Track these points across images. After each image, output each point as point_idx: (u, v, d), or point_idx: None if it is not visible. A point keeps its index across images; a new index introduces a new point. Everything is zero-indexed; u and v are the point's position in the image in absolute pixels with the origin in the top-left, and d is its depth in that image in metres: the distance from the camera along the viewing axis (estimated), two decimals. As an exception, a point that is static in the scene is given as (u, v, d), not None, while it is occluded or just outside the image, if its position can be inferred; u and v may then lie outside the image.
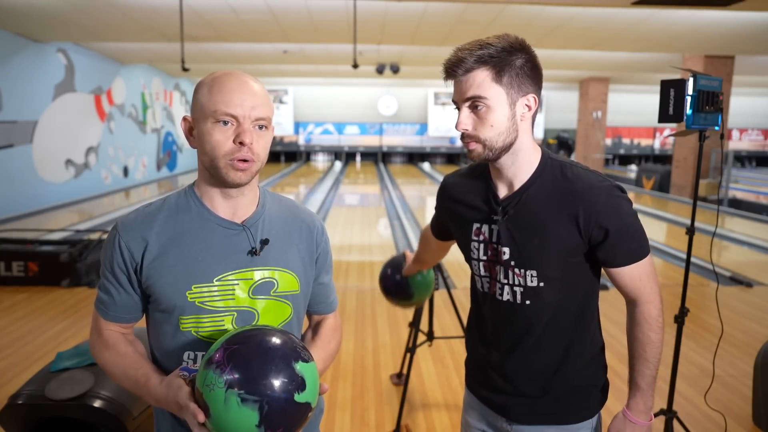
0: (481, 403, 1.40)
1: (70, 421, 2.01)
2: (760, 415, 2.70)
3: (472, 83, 1.16)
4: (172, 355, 1.13)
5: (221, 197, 1.14)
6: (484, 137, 1.18)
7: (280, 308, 1.17)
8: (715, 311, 2.61)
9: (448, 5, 6.96)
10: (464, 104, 1.18)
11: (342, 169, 17.90)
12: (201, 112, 1.08)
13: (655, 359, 1.25)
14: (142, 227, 1.12)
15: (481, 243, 1.30)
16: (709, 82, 2.17)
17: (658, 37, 8.67)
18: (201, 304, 1.10)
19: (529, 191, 1.23)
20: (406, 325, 3.83)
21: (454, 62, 1.17)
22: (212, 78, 1.09)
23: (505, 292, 1.28)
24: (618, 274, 1.24)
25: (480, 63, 1.15)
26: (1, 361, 3.38)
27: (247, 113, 1.06)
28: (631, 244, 1.21)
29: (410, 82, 17.41)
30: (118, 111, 12.20)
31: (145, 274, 1.11)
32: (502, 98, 1.16)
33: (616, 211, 1.19)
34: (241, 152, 1.06)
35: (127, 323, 1.18)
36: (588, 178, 1.21)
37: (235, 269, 1.12)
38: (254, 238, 1.15)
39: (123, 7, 7.18)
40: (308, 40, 9.22)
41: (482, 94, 1.15)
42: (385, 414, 2.85)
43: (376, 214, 9.75)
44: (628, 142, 20.02)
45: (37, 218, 8.16)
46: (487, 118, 1.16)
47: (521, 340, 1.29)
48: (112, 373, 1.15)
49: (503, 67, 1.15)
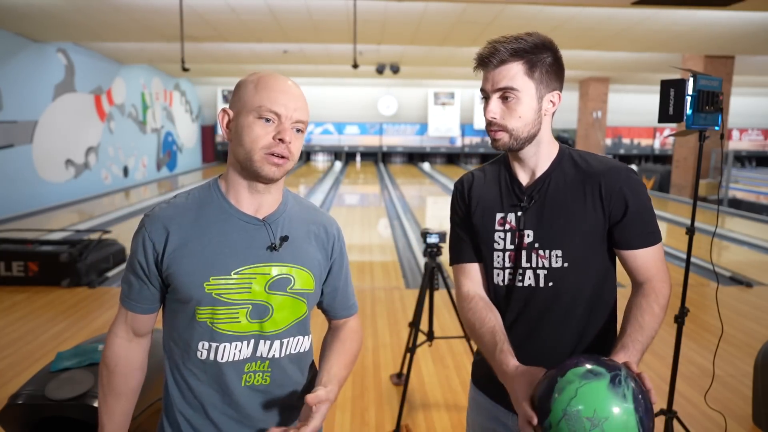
0: (491, 400, 1.38)
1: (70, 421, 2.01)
2: (760, 415, 2.70)
3: (506, 74, 1.20)
4: (186, 345, 1.16)
5: (247, 192, 1.17)
6: (512, 127, 1.22)
7: (296, 305, 1.20)
8: (715, 311, 2.61)
9: (448, 5, 6.96)
10: (495, 94, 1.22)
11: (342, 169, 17.89)
12: (244, 107, 1.11)
13: (651, 330, 1.20)
14: (165, 218, 1.15)
15: (507, 232, 1.30)
16: (709, 82, 2.17)
17: (658, 37, 8.67)
18: (218, 296, 1.12)
19: (551, 177, 1.28)
20: (406, 325, 3.84)
21: (490, 52, 1.21)
22: (258, 77, 1.13)
23: (526, 278, 1.28)
24: (631, 256, 1.26)
25: (515, 56, 1.19)
26: (1, 361, 3.38)
27: (290, 114, 1.11)
28: (647, 227, 1.25)
29: (410, 82, 17.42)
30: (118, 111, 12.20)
31: (166, 263, 1.13)
32: (531, 91, 1.21)
33: (636, 190, 1.24)
34: (279, 147, 1.10)
35: (142, 313, 1.19)
36: (606, 160, 1.29)
37: (253, 263, 1.15)
38: (274, 234, 1.17)
39: (123, 7, 7.18)
40: (308, 40, 9.22)
41: (514, 85, 1.20)
42: (385, 414, 2.85)
43: (376, 214, 9.75)
44: (628, 142, 20.01)
45: (37, 218, 8.16)
46: (516, 109, 1.21)
47: (539, 328, 1.29)
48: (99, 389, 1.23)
49: (535, 63, 1.20)
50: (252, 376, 1.18)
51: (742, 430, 2.73)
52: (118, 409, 1.21)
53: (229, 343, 1.15)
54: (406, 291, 4.91)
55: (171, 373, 1.20)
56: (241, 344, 1.15)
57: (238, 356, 1.16)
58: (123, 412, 1.22)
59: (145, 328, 1.22)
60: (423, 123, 19.41)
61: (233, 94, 1.16)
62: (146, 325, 1.22)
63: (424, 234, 3.00)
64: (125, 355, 1.20)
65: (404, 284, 5.14)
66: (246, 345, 1.16)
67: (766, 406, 2.65)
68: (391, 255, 6.42)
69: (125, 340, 1.21)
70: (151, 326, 1.23)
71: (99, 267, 5.06)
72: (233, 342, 1.15)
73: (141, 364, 1.23)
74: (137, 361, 1.22)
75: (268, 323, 1.17)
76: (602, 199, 1.23)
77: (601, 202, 1.23)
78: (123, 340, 1.21)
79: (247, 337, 1.16)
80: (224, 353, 1.15)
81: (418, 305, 2.93)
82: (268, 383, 1.19)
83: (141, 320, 1.20)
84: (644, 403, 0.99)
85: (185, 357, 1.17)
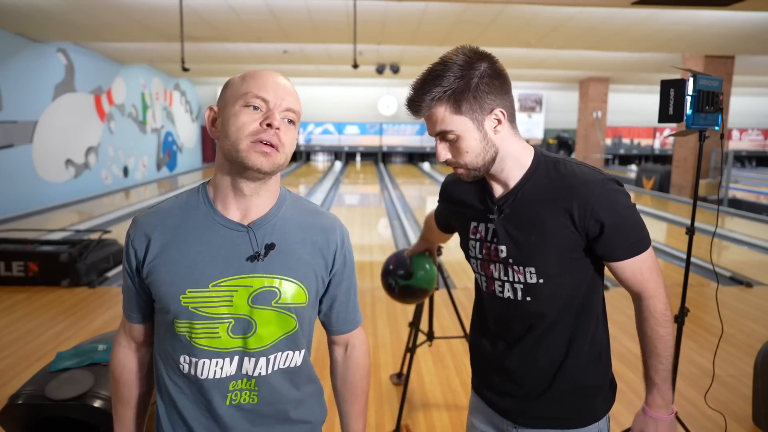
0: (486, 406, 1.39)
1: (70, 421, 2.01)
2: (760, 415, 2.70)
3: (435, 120, 1.18)
4: (169, 358, 1.10)
5: (233, 195, 1.07)
6: (464, 162, 1.20)
7: (283, 320, 1.09)
8: (715, 311, 2.61)
9: (448, 5, 6.96)
10: (437, 138, 1.21)
11: (342, 169, 17.89)
12: (230, 98, 1.04)
13: (667, 353, 1.25)
14: (148, 225, 1.08)
15: (477, 241, 1.31)
16: (709, 82, 2.17)
17: (658, 37, 8.68)
18: (194, 310, 1.04)
19: (524, 189, 1.23)
20: (406, 325, 3.83)
21: (412, 105, 1.20)
22: (246, 72, 1.07)
23: (505, 290, 1.28)
24: (619, 268, 1.23)
25: (436, 101, 1.16)
26: (1, 361, 3.38)
27: (279, 102, 1.03)
28: (629, 237, 1.20)
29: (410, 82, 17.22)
30: (118, 111, 12.20)
31: (146, 271, 1.07)
32: (467, 125, 1.16)
33: (612, 204, 1.17)
34: (267, 134, 1.01)
35: (135, 323, 1.16)
36: (582, 172, 1.20)
37: (234, 275, 1.05)
38: (258, 242, 1.07)
39: (123, 7, 7.18)
40: (308, 40, 9.22)
41: (446, 128, 1.17)
42: (385, 414, 2.85)
43: (376, 214, 9.75)
44: (628, 142, 20.02)
45: (37, 218, 8.16)
46: (461, 146, 1.19)
47: (523, 337, 1.29)
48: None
49: (459, 96, 1.14)
50: (238, 394, 1.09)
51: (742, 430, 2.72)
52: (127, 417, 1.20)
53: (209, 359, 1.06)
54: (406, 291, 4.90)
55: (158, 388, 1.14)
56: (222, 361, 1.06)
57: (220, 374, 1.07)
58: (132, 419, 1.20)
59: (145, 338, 1.18)
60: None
61: (221, 93, 1.09)
62: (142, 334, 1.17)
63: (424, 234, 2.99)
64: (129, 363, 1.18)
65: (404, 284, 5.13)
66: (229, 362, 1.07)
67: (766, 406, 2.65)
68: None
69: (128, 348, 1.19)
70: (148, 336, 1.18)
71: (99, 267, 5.06)
72: (213, 358, 1.06)
73: (146, 372, 1.20)
74: (142, 369, 1.19)
75: (252, 339, 1.07)
76: (574, 220, 1.18)
77: (574, 223, 1.18)
78: (126, 349, 1.19)
79: (229, 353, 1.06)
80: (204, 370, 1.06)
81: (418, 305, 2.93)
82: (255, 402, 1.10)
83: (138, 330, 1.17)
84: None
85: (170, 370, 1.11)
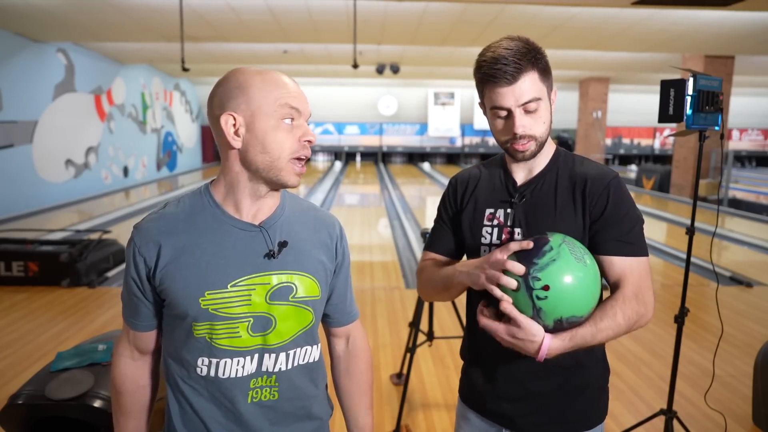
0: (479, 415, 1.35)
1: (70, 421, 2.01)
2: (760, 415, 2.70)
3: (528, 87, 1.16)
4: (185, 362, 1.10)
5: (249, 198, 1.09)
6: (540, 134, 1.21)
7: (301, 314, 1.12)
8: (715, 311, 2.61)
9: (448, 5, 6.96)
10: (519, 108, 1.18)
11: (342, 169, 17.90)
12: (259, 110, 1.02)
13: (604, 333, 1.12)
14: (155, 231, 1.07)
15: (494, 227, 1.29)
16: (709, 82, 2.17)
17: (658, 37, 8.68)
18: (215, 311, 1.05)
19: (546, 177, 1.27)
20: (406, 325, 3.84)
21: (505, 67, 1.15)
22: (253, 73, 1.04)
23: None
24: (608, 263, 1.20)
25: (530, 65, 1.17)
26: (1, 361, 3.38)
27: (306, 110, 1.07)
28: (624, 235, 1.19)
29: (410, 82, 17.42)
30: (118, 111, 12.21)
31: (158, 278, 1.06)
32: (545, 95, 1.21)
33: (619, 195, 1.22)
34: (306, 150, 1.07)
35: (141, 331, 1.15)
36: (599, 166, 1.28)
37: (251, 273, 1.07)
38: (272, 240, 1.09)
39: (123, 7, 7.18)
40: (308, 40, 9.22)
41: (537, 95, 1.18)
42: (385, 414, 2.85)
43: (376, 214, 9.74)
44: (628, 142, 20.02)
45: (37, 218, 8.16)
46: (540, 116, 1.20)
47: None
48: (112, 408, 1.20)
49: (546, 66, 1.20)
50: (259, 392, 1.11)
51: (742, 430, 2.72)
52: (129, 427, 1.18)
53: (230, 358, 1.08)
54: (406, 291, 4.90)
55: (170, 390, 1.14)
56: (243, 359, 1.08)
57: (241, 372, 1.09)
58: (135, 429, 1.19)
59: (149, 346, 1.17)
60: (423, 123, 19.41)
61: (231, 96, 1.03)
62: (150, 342, 1.17)
63: (424, 234, 2.99)
64: (131, 374, 1.16)
65: (404, 284, 5.14)
66: (249, 360, 1.09)
67: (766, 406, 2.65)
68: (391, 255, 6.42)
69: (130, 359, 1.17)
70: (155, 343, 1.18)
71: (99, 267, 5.07)
72: (234, 357, 1.08)
73: (148, 381, 1.19)
74: (144, 379, 1.18)
75: (272, 335, 1.09)
76: (585, 199, 1.22)
77: (584, 203, 1.22)
78: (128, 359, 1.17)
79: (249, 351, 1.08)
80: (225, 369, 1.08)
81: (418, 305, 2.93)
82: (276, 398, 1.12)
83: (143, 338, 1.16)
84: None
85: (184, 373, 1.11)
